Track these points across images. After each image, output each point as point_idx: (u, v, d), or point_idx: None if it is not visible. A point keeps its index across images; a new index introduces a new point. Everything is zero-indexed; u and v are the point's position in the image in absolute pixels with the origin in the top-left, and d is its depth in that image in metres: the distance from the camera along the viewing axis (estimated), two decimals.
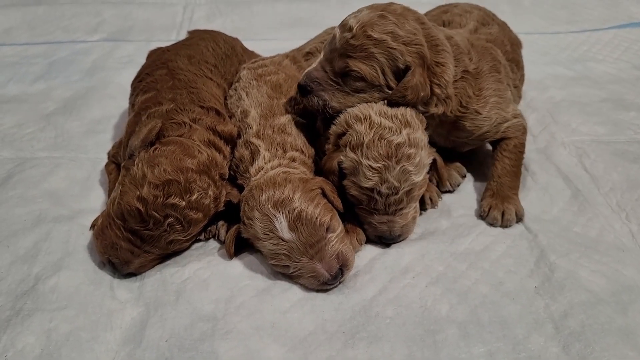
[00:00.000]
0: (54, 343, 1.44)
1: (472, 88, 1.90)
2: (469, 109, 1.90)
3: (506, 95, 2.01)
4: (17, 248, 1.75)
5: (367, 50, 1.71)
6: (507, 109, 1.98)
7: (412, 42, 1.73)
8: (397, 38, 1.71)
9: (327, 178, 1.75)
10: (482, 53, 1.98)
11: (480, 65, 1.94)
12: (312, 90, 1.81)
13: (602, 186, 2.00)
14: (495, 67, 2.00)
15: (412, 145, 1.67)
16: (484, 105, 1.92)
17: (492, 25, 2.26)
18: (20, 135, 2.39)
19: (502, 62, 2.07)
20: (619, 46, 3.17)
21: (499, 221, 1.83)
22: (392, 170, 1.64)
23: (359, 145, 1.67)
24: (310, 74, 1.82)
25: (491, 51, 2.04)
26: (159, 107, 1.85)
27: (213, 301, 1.57)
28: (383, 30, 1.71)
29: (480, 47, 2.01)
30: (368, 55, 1.71)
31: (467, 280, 1.62)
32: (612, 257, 1.69)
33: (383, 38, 1.70)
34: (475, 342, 1.44)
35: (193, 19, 3.67)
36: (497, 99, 1.95)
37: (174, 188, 1.59)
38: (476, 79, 1.91)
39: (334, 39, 1.77)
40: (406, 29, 1.74)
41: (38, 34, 3.46)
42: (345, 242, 1.63)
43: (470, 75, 1.89)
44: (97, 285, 1.63)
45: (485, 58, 1.98)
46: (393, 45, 1.71)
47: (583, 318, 1.48)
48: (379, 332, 1.47)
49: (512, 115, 1.98)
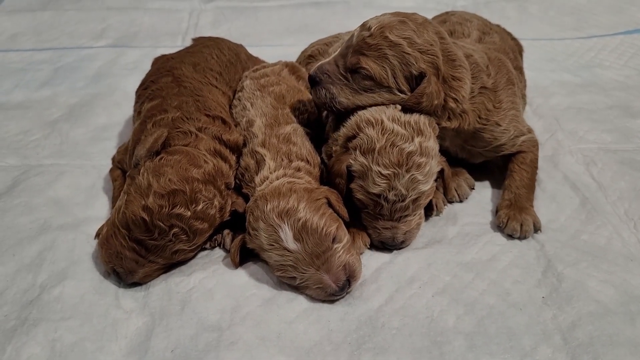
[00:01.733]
0: (59, 353, 1.44)
1: (492, 102, 1.91)
2: (490, 121, 1.91)
3: (520, 109, 2.04)
4: (22, 257, 1.74)
5: (381, 50, 1.71)
6: (522, 122, 2.02)
7: (427, 51, 1.74)
8: (413, 44, 1.72)
9: (334, 180, 1.75)
10: (498, 67, 1.99)
11: (498, 79, 1.95)
12: (321, 81, 1.81)
13: (610, 195, 1.99)
14: (510, 80, 2.01)
15: (423, 154, 1.66)
16: (504, 117, 1.93)
17: (492, 34, 2.26)
18: (26, 143, 2.38)
19: (514, 73, 2.08)
20: (625, 52, 3.15)
21: (518, 232, 1.80)
22: (401, 178, 1.63)
23: (370, 150, 1.66)
24: (321, 66, 1.83)
25: (505, 64, 2.05)
26: (165, 115, 1.85)
27: (218, 311, 1.56)
28: (401, 35, 1.72)
29: (496, 60, 2.02)
30: (381, 56, 1.72)
31: (474, 291, 1.61)
32: (621, 267, 1.67)
33: (399, 42, 1.71)
34: (483, 353, 1.43)
35: (199, 25, 3.67)
36: (514, 112, 1.97)
37: (180, 198, 1.58)
38: (495, 92, 1.92)
39: (352, 37, 1.78)
40: (424, 37, 1.74)
41: (44, 40, 3.46)
42: (351, 253, 1.62)
43: (489, 90, 1.90)
44: (102, 295, 1.62)
45: (502, 71, 1.99)
46: (408, 50, 1.71)
47: (591, 329, 1.47)
48: (385, 343, 1.46)
49: (527, 129, 2.02)
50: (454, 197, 1.97)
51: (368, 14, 2.16)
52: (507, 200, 1.90)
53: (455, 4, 3.72)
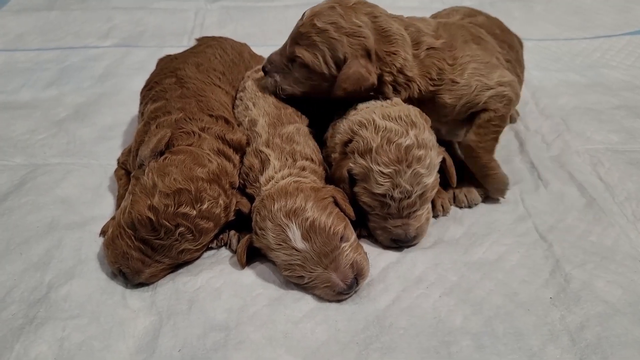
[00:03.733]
0: (67, 352, 1.44)
1: (445, 60, 1.86)
2: (444, 80, 1.85)
3: (489, 61, 1.91)
4: (30, 255, 1.74)
5: (310, 38, 1.78)
6: (490, 75, 1.86)
7: (354, 33, 1.77)
8: (339, 29, 1.76)
9: (338, 187, 1.74)
10: (455, 29, 1.97)
11: (453, 39, 1.91)
12: (269, 71, 1.96)
13: (617, 195, 1.98)
14: (474, 39, 1.97)
15: (421, 147, 1.65)
16: (461, 72, 1.85)
17: (478, 16, 2.25)
18: (33, 142, 2.39)
19: (485, 39, 2.03)
20: (632, 52, 3.15)
21: (465, 202, 1.94)
22: (403, 174, 1.63)
23: (368, 150, 1.66)
24: (270, 57, 1.96)
25: (470, 29, 2.02)
26: (168, 116, 1.85)
27: (226, 310, 1.56)
28: (327, 21, 1.77)
29: (454, 26, 2.00)
30: (311, 44, 1.79)
31: (481, 291, 1.61)
32: (629, 267, 1.67)
33: (326, 27, 1.76)
34: (490, 353, 1.42)
35: (204, 25, 3.68)
36: (476, 65, 1.87)
37: (185, 197, 1.58)
38: (449, 50, 1.87)
39: (296, 25, 1.85)
40: (351, 21, 1.77)
41: (50, 40, 3.48)
42: (359, 251, 1.61)
43: (438, 50, 1.86)
44: (109, 294, 1.62)
45: (460, 32, 1.96)
46: (334, 35, 1.76)
47: (599, 330, 1.46)
48: (392, 343, 1.46)
49: (496, 82, 1.85)
50: (463, 202, 1.94)
51: None
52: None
53: (461, 3, 3.71)
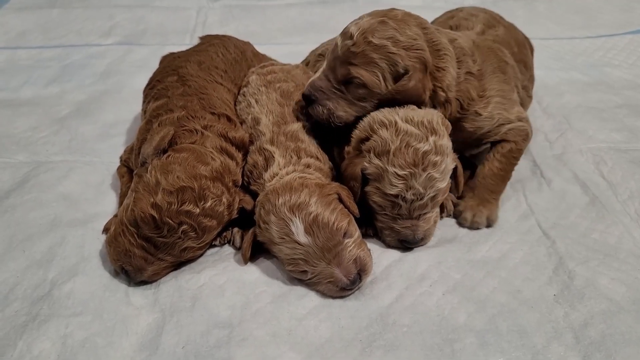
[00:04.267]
0: (70, 349, 1.44)
1: (476, 89, 1.88)
2: (469, 111, 1.89)
3: (511, 97, 1.98)
4: (33, 252, 1.74)
5: (367, 56, 1.71)
6: (511, 110, 1.95)
7: (412, 46, 1.73)
8: (397, 43, 1.71)
9: (347, 184, 1.74)
10: (486, 54, 1.97)
11: (484, 66, 1.92)
12: (317, 99, 1.81)
13: (620, 194, 1.98)
14: (500, 68, 1.98)
15: (438, 153, 1.65)
16: (486, 105, 1.90)
17: (498, 27, 2.23)
18: (35, 139, 2.39)
19: (510, 63, 2.05)
20: (634, 51, 3.15)
21: (467, 222, 1.86)
22: (418, 177, 1.63)
23: (385, 152, 1.65)
24: (314, 83, 1.82)
25: (497, 52, 2.02)
26: (170, 114, 1.85)
27: (229, 307, 1.56)
28: (383, 36, 1.71)
29: (485, 47, 2.00)
30: (369, 62, 1.71)
31: (485, 289, 1.61)
32: (632, 265, 1.67)
33: (383, 43, 1.70)
34: (494, 351, 1.42)
35: (206, 23, 3.68)
36: (500, 100, 1.92)
37: (188, 195, 1.58)
38: (480, 80, 1.90)
39: (336, 47, 1.77)
40: (407, 34, 1.73)
41: (52, 38, 3.48)
42: (362, 248, 1.61)
43: (474, 77, 1.88)
44: (112, 291, 1.62)
45: (490, 59, 1.97)
46: (393, 50, 1.70)
47: (603, 327, 1.46)
48: (396, 340, 1.46)
49: (516, 117, 1.95)
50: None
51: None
52: (471, 189, 1.92)
53: (464, 2, 3.72)
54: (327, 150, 1.91)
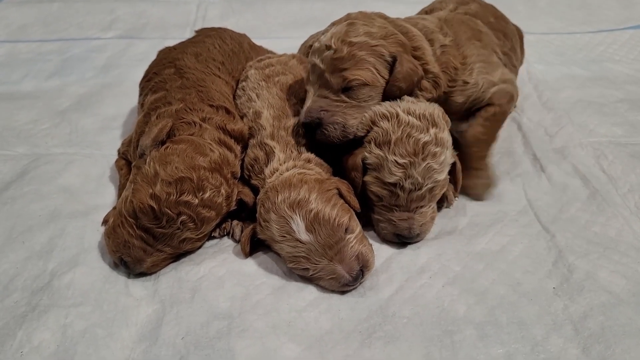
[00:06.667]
0: (70, 339, 1.44)
1: (456, 58, 1.90)
2: (457, 81, 1.90)
3: (492, 60, 2.00)
4: (33, 244, 1.74)
5: (355, 56, 1.72)
6: (493, 73, 1.96)
7: (387, 34, 1.77)
8: (373, 35, 1.74)
9: (348, 175, 1.74)
10: (457, 25, 2.00)
11: (458, 36, 1.95)
12: (322, 120, 1.74)
13: (621, 187, 1.98)
14: (475, 36, 2.00)
15: (439, 144, 1.67)
16: (470, 72, 1.92)
17: (471, 4, 2.25)
18: (35, 132, 2.39)
19: (484, 31, 2.07)
20: (635, 46, 3.14)
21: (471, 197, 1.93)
22: (417, 166, 1.63)
23: (386, 142, 1.66)
24: (311, 108, 1.76)
25: (468, 22, 2.05)
26: (169, 107, 1.85)
27: (229, 299, 1.56)
28: (359, 34, 1.74)
29: (455, 20, 2.03)
30: (358, 61, 1.72)
31: (485, 281, 1.61)
32: (632, 258, 1.67)
33: (363, 40, 1.73)
34: (494, 343, 1.42)
35: (206, 17, 3.68)
36: (482, 65, 1.94)
37: (187, 185, 1.58)
38: (457, 48, 1.92)
39: (316, 66, 1.77)
40: (377, 26, 1.78)
41: (52, 31, 3.48)
42: (364, 243, 1.61)
43: (450, 47, 1.90)
44: (112, 282, 1.62)
45: (462, 29, 1.99)
46: (374, 43, 1.73)
47: (603, 319, 1.46)
48: (396, 331, 1.46)
49: (499, 79, 1.96)
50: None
51: (376, 6, 2.17)
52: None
53: None
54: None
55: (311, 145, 1.83)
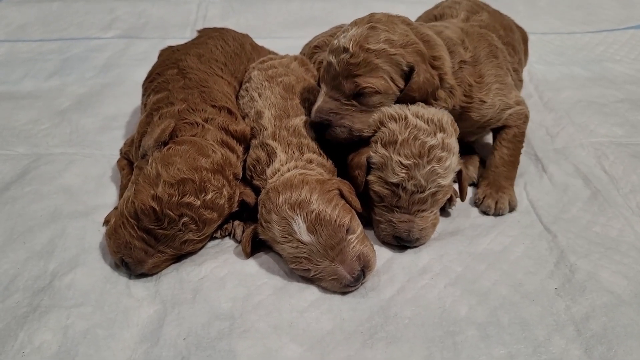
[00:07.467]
0: (71, 340, 1.43)
1: (473, 76, 1.90)
2: (474, 98, 1.91)
3: (507, 81, 2.02)
4: (33, 244, 1.74)
5: (370, 63, 1.71)
6: (509, 95, 1.99)
7: (408, 43, 1.75)
8: (393, 43, 1.73)
9: (352, 173, 1.74)
10: (477, 40, 1.99)
11: (477, 52, 1.95)
12: (331, 122, 1.77)
13: (622, 187, 1.98)
14: (492, 53, 2.00)
15: (445, 149, 1.67)
16: (487, 92, 1.93)
17: (482, 12, 2.25)
18: (35, 132, 2.39)
19: (499, 47, 2.07)
20: (636, 46, 3.15)
21: (492, 209, 1.88)
22: (421, 168, 1.63)
23: (392, 142, 1.66)
24: (321, 108, 1.79)
25: (486, 37, 2.04)
26: (171, 107, 1.84)
27: (230, 299, 1.56)
28: (378, 40, 1.72)
29: (475, 34, 2.02)
30: (373, 68, 1.72)
31: (486, 281, 1.60)
32: (633, 258, 1.67)
33: (381, 47, 1.71)
34: (496, 343, 1.42)
35: (207, 17, 3.68)
36: (499, 86, 1.96)
37: (189, 187, 1.57)
38: (474, 66, 1.92)
39: (331, 66, 1.76)
40: (398, 33, 1.76)
41: (52, 31, 3.49)
42: (365, 243, 1.60)
43: (468, 64, 1.91)
44: (113, 283, 1.62)
45: (481, 44, 1.99)
46: (392, 51, 1.72)
47: (605, 320, 1.46)
48: (397, 332, 1.46)
49: (514, 102, 2.00)
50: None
51: (376, 6, 2.17)
52: (486, 178, 1.96)
53: None
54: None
55: (320, 141, 1.85)
